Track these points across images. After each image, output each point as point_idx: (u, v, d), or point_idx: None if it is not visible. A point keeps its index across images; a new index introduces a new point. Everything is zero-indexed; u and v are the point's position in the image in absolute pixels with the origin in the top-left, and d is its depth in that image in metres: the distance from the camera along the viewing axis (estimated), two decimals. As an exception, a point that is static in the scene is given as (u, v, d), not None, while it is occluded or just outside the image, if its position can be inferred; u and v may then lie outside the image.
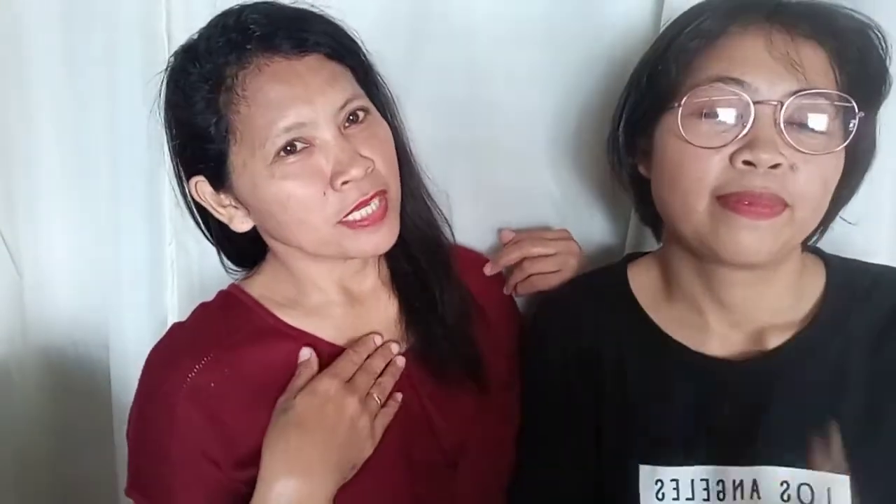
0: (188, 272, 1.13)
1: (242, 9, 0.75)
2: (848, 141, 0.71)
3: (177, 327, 0.84)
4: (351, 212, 0.74)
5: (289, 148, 0.73)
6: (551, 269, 0.98)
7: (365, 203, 0.75)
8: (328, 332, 0.83)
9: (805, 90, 0.69)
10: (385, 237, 0.77)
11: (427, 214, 0.88)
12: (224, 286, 0.87)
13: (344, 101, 0.74)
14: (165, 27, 1.03)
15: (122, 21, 1.02)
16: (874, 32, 0.72)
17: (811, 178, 0.70)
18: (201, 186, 0.79)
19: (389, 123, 0.82)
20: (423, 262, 0.86)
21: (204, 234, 0.89)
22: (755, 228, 0.70)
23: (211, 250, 1.11)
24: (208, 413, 0.75)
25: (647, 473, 0.77)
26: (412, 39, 1.01)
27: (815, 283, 0.80)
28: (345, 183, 0.73)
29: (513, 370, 0.93)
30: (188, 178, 0.79)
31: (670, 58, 0.75)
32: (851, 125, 0.71)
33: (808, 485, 0.73)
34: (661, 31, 0.94)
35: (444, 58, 1.01)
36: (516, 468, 0.87)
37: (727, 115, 0.71)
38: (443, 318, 0.85)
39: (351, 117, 0.76)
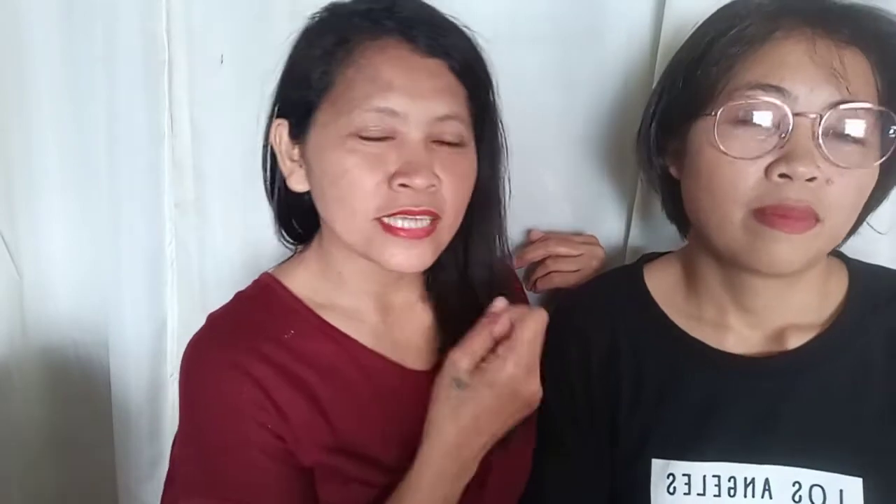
0: (188, 272, 1.13)
1: None
2: (888, 155, 0.70)
3: (215, 317, 0.81)
4: (395, 214, 0.72)
5: (374, 130, 0.72)
6: (572, 268, 1.00)
7: (410, 213, 0.72)
8: (367, 338, 0.81)
9: (845, 102, 0.68)
10: (417, 258, 0.74)
11: (496, 268, 0.86)
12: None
13: (445, 114, 0.73)
14: (165, 27, 1.03)
15: (122, 21, 1.02)
16: None
17: (846, 191, 0.69)
18: (280, 130, 0.79)
19: (486, 166, 0.81)
20: (483, 305, 0.83)
21: (266, 187, 0.86)
22: (789, 241, 0.69)
23: (211, 251, 1.12)
24: (258, 386, 0.73)
25: (660, 468, 0.77)
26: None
27: (838, 286, 0.80)
28: (402, 185, 0.71)
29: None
30: (275, 118, 0.80)
31: (710, 62, 0.73)
32: (892, 133, 0.69)
33: (819, 486, 0.73)
34: (662, 27, 0.95)
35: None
36: (532, 470, 0.87)
37: (764, 123, 0.69)
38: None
39: (448, 138, 0.74)
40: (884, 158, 0.70)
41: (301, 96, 0.76)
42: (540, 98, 1.04)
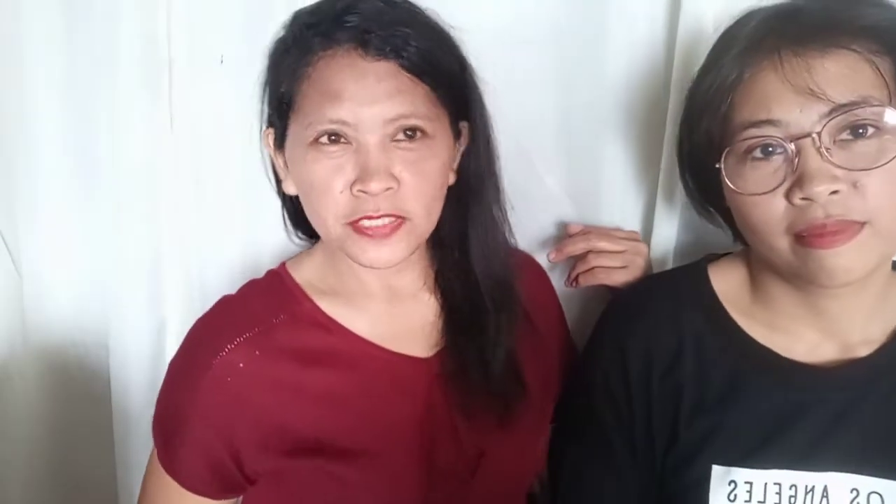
0: (188, 272, 1.13)
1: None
2: None
3: (223, 301, 0.85)
4: (360, 219, 0.74)
5: (332, 137, 0.74)
6: (617, 265, 0.98)
7: (371, 218, 0.74)
8: (361, 326, 0.83)
9: (835, 111, 0.67)
10: (388, 255, 0.76)
11: (499, 254, 0.86)
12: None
13: (396, 115, 0.74)
14: (165, 27, 1.03)
15: (122, 21, 1.02)
16: None
17: (882, 187, 0.67)
18: (270, 138, 0.82)
19: (476, 153, 0.82)
20: (487, 300, 0.85)
21: (274, 187, 0.88)
22: (840, 255, 0.68)
23: (211, 251, 1.12)
24: (234, 393, 0.77)
25: (721, 474, 0.76)
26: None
27: (894, 295, 0.79)
28: (362, 191, 0.73)
29: (553, 378, 0.92)
30: (267, 127, 0.83)
31: (699, 114, 0.75)
32: None
33: (877, 493, 0.72)
34: (678, 28, 0.94)
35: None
36: (565, 469, 0.86)
37: (769, 156, 0.70)
38: (487, 362, 0.84)
39: (408, 133, 0.75)
40: None
41: (275, 111, 0.79)
42: (541, 98, 1.04)
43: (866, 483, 0.73)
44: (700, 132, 0.75)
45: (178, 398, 0.81)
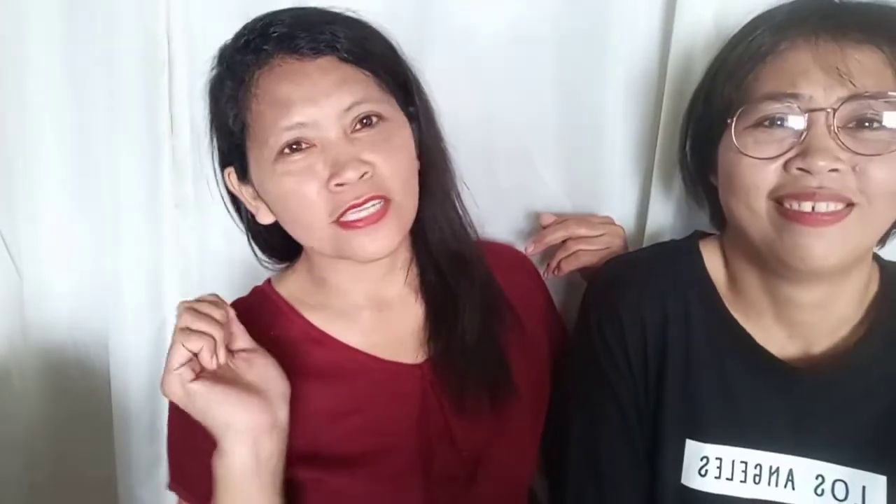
0: (188, 272, 1.13)
1: (273, 13, 0.78)
2: None
3: None
4: (346, 212, 0.74)
5: (294, 146, 0.74)
6: (596, 248, 0.99)
7: (358, 206, 0.74)
8: (353, 337, 0.83)
9: (856, 96, 0.68)
10: (383, 240, 0.76)
11: (454, 226, 0.87)
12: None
13: (350, 103, 0.74)
14: (165, 27, 1.03)
15: (122, 21, 1.02)
16: None
17: (877, 179, 0.69)
18: (232, 177, 0.82)
19: (422, 132, 0.83)
20: (448, 275, 0.86)
21: (237, 224, 0.89)
22: (821, 236, 0.69)
23: (211, 251, 1.12)
24: None
25: (694, 449, 0.78)
26: (415, 41, 1.00)
27: (873, 289, 0.80)
28: (339, 185, 0.73)
29: (544, 376, 0.92)
30: (223, 169, 0.83)
31: (723, 80, 0.76)
32: None
33: (843, 481, 0.74)
34: (673, 28, 0.95)
35: (445, 60, 1.00)
36: (568, 448, 0.87)
37: (781, 125, 0.71)
38: (462, 336, 0.84)
39: (364, 121, 0.76)
40: None
41: (229, 144, 0.80)
42: (541, 98, 1.04)
43: (832, 470, 0.74)
44: (717, 96, 0.76)
45: (193, 428, 0.74)
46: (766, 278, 0.78)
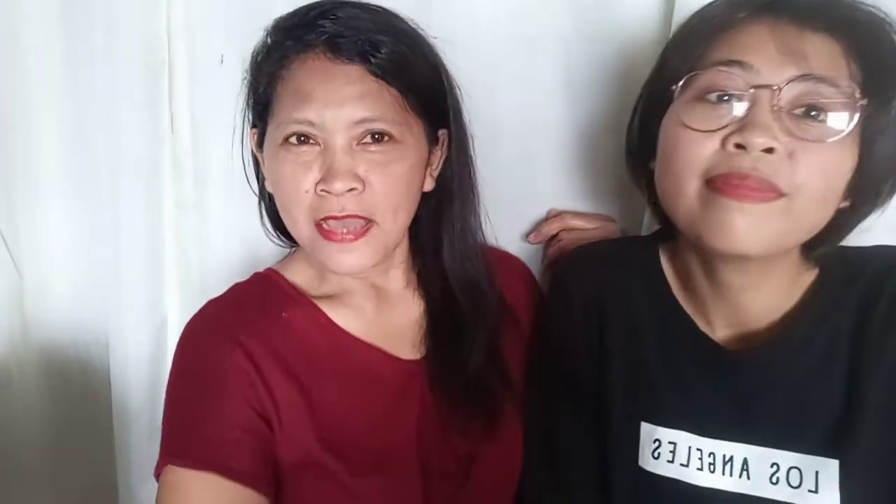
0: (188, 272, 1.13)
1: (333, 4, 0.77)
2: (850, 128, 0.68)
3: (213, 302, 0.84)
4: (326, 219, 0.75)
5: (302, 138, 0.76)
6: (587, 238, 1.00)
7: (335, 218, 0.75)
8: (360, 328, 0.84)
9: (807, 76, 0.67)
10: (358, 259, 0.77)
11: (470, 256, 0.88)
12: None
13: (362, 118, 0.75)
14: (165, 27, 1.03)
15: (122, 21, 1.02)
16: (889, 27, 0.71)
17: (811, 169, 0.67)
18: (253, 139, 0.84)
19: (451, 158, 0.84)
20: (461, 302, 0.86)
21: (252, 188, 0.89)
22: (744, 212, 0.68)
23: (211, 250, 1.12)
24: (250, 361, 0.77)
25: (648, 431, 0.79)
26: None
27: (807, 276, 0.80)
28: (325, 191, 0.74)
29: None
30: (252, 128, 0.85)
31: (676, 48, 0.76)
32: (858, 116, 0.68)
33: (797, 468, 0.74)
34: (671, 25, 0.94)
35: (445, 61, 1.00)
36: (525, 428, 0.88)
37: (727, 101, 0.70)
38: (465, 365, 0.85)
39: (375, 136, 0.76)
40: (848, 129, 0.68)
41: (256, 113, 0.82)
42: (541, 98, 1.04)
43: (786, 458, 0.74)
44: (668, 68, 0.76)
45: (201, 365, 0.78)
46: (704, 261, 0.78)
